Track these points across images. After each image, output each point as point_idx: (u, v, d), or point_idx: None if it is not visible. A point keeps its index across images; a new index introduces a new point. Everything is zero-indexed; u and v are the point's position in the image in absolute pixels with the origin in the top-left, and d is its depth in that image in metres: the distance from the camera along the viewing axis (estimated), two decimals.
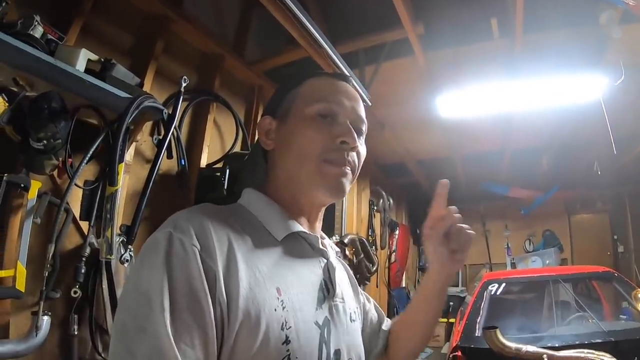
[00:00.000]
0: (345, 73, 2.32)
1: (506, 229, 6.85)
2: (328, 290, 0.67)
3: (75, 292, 1.48)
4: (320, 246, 0.70)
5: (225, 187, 2.01)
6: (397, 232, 5.65)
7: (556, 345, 2.22)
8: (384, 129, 3.83)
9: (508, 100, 3.09)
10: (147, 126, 1.93)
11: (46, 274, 1.38)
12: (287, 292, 0.58)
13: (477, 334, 2.56)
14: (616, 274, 3.10)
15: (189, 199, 2.08)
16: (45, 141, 1.31)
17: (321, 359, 0.59)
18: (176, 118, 1.88)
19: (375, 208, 4.93)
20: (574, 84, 2.86)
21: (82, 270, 1.50)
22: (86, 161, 1.48)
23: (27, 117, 1.27)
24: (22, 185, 1.33)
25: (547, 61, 2.75)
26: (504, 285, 3.20)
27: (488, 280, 3.25)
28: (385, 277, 5.23)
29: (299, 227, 0.67)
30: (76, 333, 1.49)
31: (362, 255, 4.18)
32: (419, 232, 7.11)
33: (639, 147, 4.22)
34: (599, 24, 2.27)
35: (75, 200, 1.57)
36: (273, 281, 0.57)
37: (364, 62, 2.86)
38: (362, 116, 0.72)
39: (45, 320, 1.36)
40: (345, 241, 3.81)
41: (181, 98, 1.91)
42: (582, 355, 1.96)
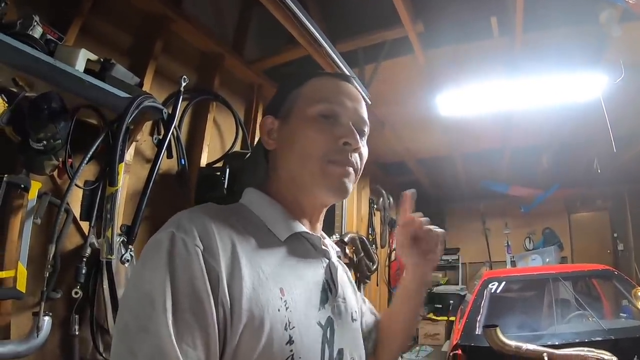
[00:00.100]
0: (346, 72, 2.32)
1: (506, 227, 6.84)
2: (330, 290, 0.67)
3: (76, 293, 1.48)
4: (322, 246, 0.70)
5: (226, 187, 2.01)
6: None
7: (556, 343, 2.23)
8: (384, 127, 3.83)
9: (508, 98, 3.08)
10: (147, 126, 1.92)
11: (47, 274, 1.38)
12: (290, 292, 0.58)
13: (477, 333, 2.56)
14: (616, 272, 3.10)
15: (189, 198, 2.08)
16: (45, 141, 1.30)
17: (324, 358, 0.59)
18: (176, 117, 1.88)
19: (375, 207, 4.93)
20: (573, 82, 2.85)
21: (83, 271, 1.50)
22: (86, 161, 1.48)
23: (26, 118, 1.27)
24: (22, 185, 1.33)
25: (547, 60, 2.75)
26: (504, 283, 3.21)
27: (488, 278, 3.25)
28: (385, 276, 5.24)
29: (301, 227, 0.67)
30: (77, 333, 1.49)
31: (362, 254, 4.18)
32: None
33: (638, 145, 4.21)
34: (598, 22, 2.26)
35: (76, 200, 1.57)
36: (276, 281, 0.57)
37: (363, 60, 2.85)
38: (365, 117, 0.71)
39: (46, 320, 1.36)
40: (346, 240, 3.81)
41: (181, 97, 1.91)
42: (582, 354, 1.96)
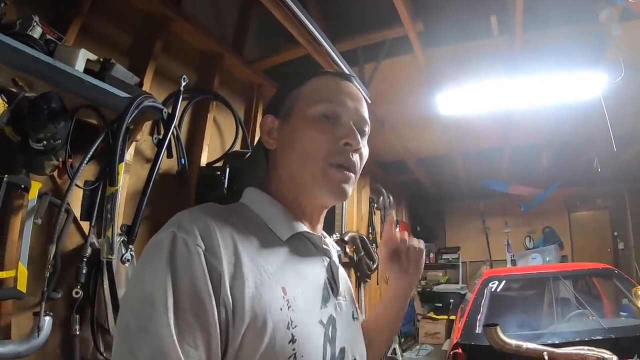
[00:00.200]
0: (346, 71, 2.32)
1: (506, 226, 6.85)
2: (332, 289, 0.67)
3: (77, 293, 1.48)
4: (323, 246, 0.70)
5: (226, 186, 2.01)
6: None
7: (556, 342, 2.23)
8: (383, 126, 3.83)
9: (508, 97, 3.08)
10: (147, 126, 1.92)
11: (47, 274, 1.38)
12: (292, 291, 0.58)
13: (477, 331, 2.57)
14: (616, 271, 3.10)
15: (189, 198, 2.08)
16: (45, 142, 1.30)
17: (326, 357, 0.59)
18: (176, 117, 1.88)
19: (375, 206, 4.93)
20: (573, 81, 2.85)
21: (83, 271, 1.50)
22: (86, 161, 1.48)
23: (26, 118, 1.27)
24: (23, 186, 1.33)
25: (547, 59, 2.74)
26: (504, 282, 3.21)
27: (488, 277, 3.25)
28: (385, 275, 5.23)
29: (302, 227, 0.67)
30: (78, 333, 1.49)
31: (362, 253, 4.19)
32: (419, 229, 7.12)
33: (639, 144, 4.21)
34: (598, 21, 2.26)
35: (76, 200, 1.57)
36: (278, 281, 0.57)
37: (363, 59, 2.85)
38: (365, 117, 0.71)
39: (47, 320, 1.36)
40: (346, 239, 3.81)
41: (181, 97, 1.90)
42: (582, 352, 1.96)
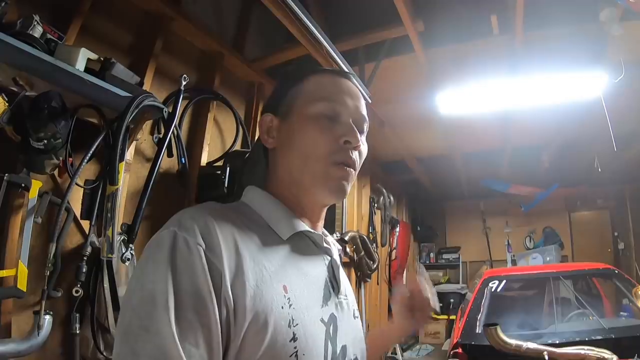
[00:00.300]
0: (346, 70, 2.31)
1: (507, 226, 6.85)
2: (333, 287, 0.67)
3: (77, 291, 1.48)
4: (324, 244, 0.70)
5: (226, 186, 2.01)
6: (397, 229, 5.65)
7: (557, 342, 2.23)
8: (384, 126, 3.82)
9: (508, 97, 3.08)
10: (147, 125, 1.92)
11: (47, 273, 1.38)
12: (293, 289, 0.58)
13: (477, 331, 2.56)
14: (616, 271, 3.10)
15: (189, 197, 2.08)
16: (46, 141, 1.30)
17: (327, 355, 0.59)
18: (176, 116, 1.88)
19: (375, 205, 4.92)
20: (574, 81, 2.84)
21: (84, 270, 1.50)
22: (87, 160, 1.48)
23: (27, 117, 1.27)
24: (23, 185, 1.33)
25: (547, 58, 2.74)
26: (504, 282, 3.21)
27: (489, 277, 3.25)
28: (386, 275, 5.24)
29: (303, 225, 0.67)
30: (78, 332, 1.50)
31: (362, 253, 4.19)
32: (419, 229, 7.12)
33: (639, 144, 4.21)
34: (599, 21, 2.26)
35: (76, 199, 1.57)
36: (280, 279, 0.57)
37: (363, 59, 2.85)
38: (365, 114, 0.71)
39: (47, 319, 1.36)
40: (346, 238, 3.81)
41: (181, 96, 1.90)
42: (582, 352, 1.96)
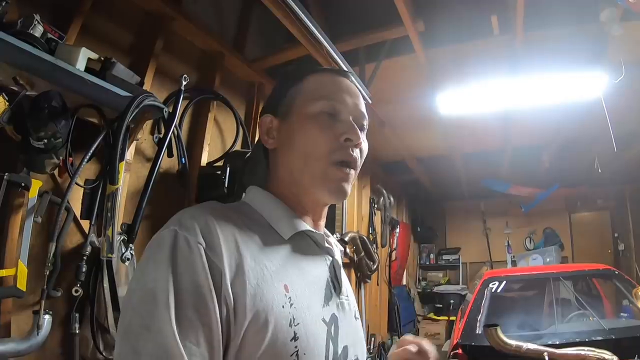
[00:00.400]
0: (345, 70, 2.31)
1: (507, 227, 6.84)
2: (334, 287, 0.67)
3: (77, 291, 1.48)
4: (326, 244, 0.70)
5: (226, 186, 2.01)
6: (397, 230, 5.65)
7: (557, 342, 2.23)
8: (384, 126, 3.83)
9: (509, 97, 3.08)
10: (148, 125, 1.92)
11: (47, 273, 1.38)
12: (294, 289, 0.58)
13: (478, 332, 2.56)
14: (617, 272, 3.10)
15: (189, 197, 2.08)
16: (46, 140, 1.30)
17: (328, 355, 0.59)
18: (176, 116, 1.87)
19: (375, 206, 4.92)
20: (574, 81, 2.84)
21: (83, 269, 1.50)
22: (87, 160, 1.48)
23: (27, 117, 1.27)
24: (23, 184, 1.33)
25: (547, 59, 2.74)
26: (504, 283, 3.21)
27: (489, 278, 3.25)
28: (386, 275, 5.23)
29: (305, 225, 0.67)
30: (77, 332, 1.49)
31: (362, 253, 4.19)
32: (419, 229, 7.12)
33: (639, 145, 4.21)
34: (599, 21, 2.26)
35: (76, 199, 1.57)
36: (281, 278, 0.57)
37: (364, 59, 2.85)
38: (364, 112, 0.72)
39: (47, 319, 1.36)
40: (346, 239, 3.81)
41: (181, 96, 1.90)
42: (582, 353, 1.96)
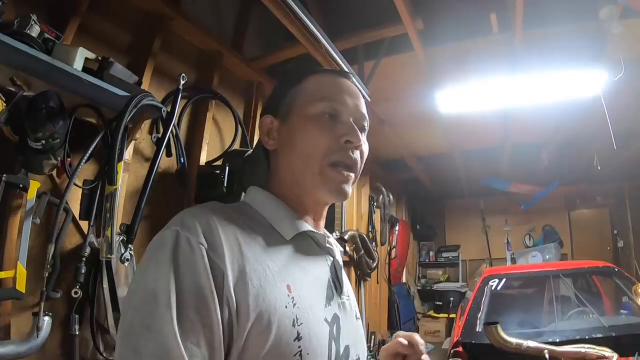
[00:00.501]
0: (345, 69, 2.31)
1: (506, 224, 6.85)
2: (335, 288, 0.67)
3: (76, 292, 1.47)
4: (327, 245, 0.70)
5: (225, 185, 2.00)
6: (397, 228, 5.66)
7: (557, 340, 2.23)
8: (383, 124, 3.82)
9: (508, 95, 3.07)
10: (146, 124, 1.92)
11: (46, 274, 1.38)
12: (297, 289, 0.58)
13: (478, 330, 2.56)
14: (616, 269, 3.10)
15: (188, 197, 2.08)
16: (44, 141, 1.30)
17: (331, 355, 0.59)
18: (175, 116, 1.87)
19: (375, 204, 4.93)
20: (574, 79, 2.84)
21: (83, 270, 1.49)
22: (85, 160, 1.48)
23: (25, 117, 1.26)
24: (21, 185, 1.33)
25: (547, 56, 2.73)
26: (504, 280, 3.21)
27: (488, 275, 3.25)
28: (385, 273, 5.24)
29: (306, 226, 0.67)
30: (77, 333, 1.49)
31: (362, 252, 4.19)
32: (419, 227, 7.12)
33: (639, 142, 4.21)
34: (599, 19, 2.25)
35: (75, 199, 1.57)
36: (283, 278, 0.57)
37: (363, 58, 2.84)
38: (365, 113, 0.71)
39: (46, 320, 1.36)
40: (346, 237, 3.81)
41: (180, 96, 1.90)
42: (582, 350, 1.96)
